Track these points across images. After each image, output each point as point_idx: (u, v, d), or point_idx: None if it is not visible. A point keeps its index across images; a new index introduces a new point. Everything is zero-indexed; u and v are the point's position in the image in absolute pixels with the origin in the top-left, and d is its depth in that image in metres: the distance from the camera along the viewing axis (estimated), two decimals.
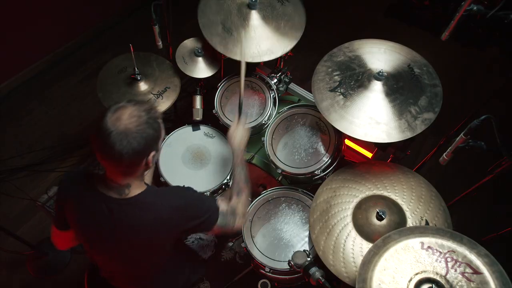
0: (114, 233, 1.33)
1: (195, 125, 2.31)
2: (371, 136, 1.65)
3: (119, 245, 1.36)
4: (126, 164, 1.22)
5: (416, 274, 1.15)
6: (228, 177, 2.15)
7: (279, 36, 2.02)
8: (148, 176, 2.04)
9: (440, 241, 1.20)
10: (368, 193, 1.70)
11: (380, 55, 1.82)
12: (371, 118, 1.67)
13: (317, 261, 1.61)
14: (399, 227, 1.53)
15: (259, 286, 1.95)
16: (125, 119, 1.18)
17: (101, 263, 1.51)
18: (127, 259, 1.42)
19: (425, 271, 1.15)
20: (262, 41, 2.00)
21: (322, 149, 2.03)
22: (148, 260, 1.45)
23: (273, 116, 2.17)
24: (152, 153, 1.27)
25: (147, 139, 1.21)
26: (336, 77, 1.80)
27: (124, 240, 1.34)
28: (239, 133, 1.83)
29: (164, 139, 2.14)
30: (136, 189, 1.32)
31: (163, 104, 2.15)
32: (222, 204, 1.51)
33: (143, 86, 2.15)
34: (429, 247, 1.19)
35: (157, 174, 2.13)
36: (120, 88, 2.14)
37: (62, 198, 1.39)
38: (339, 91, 1.76)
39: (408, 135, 1.64)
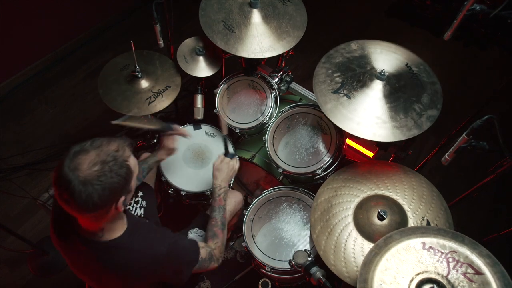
0: (92, 272, 1.31)
1: (196, 124, 2.31)
2: (380, 135, 1.64)
3: (98, 281, 1.36)
4: (88, 215, 1.10)
5: (418, 274, 1.15)
6: None
7: (280, 34, 2.02)
8: (150, 177, 2.04)
9: (441, 241, 1.19)
10: (370, 193, 1.70)
11: (377, 55, 1.82)
12: (378, 118, 1.67)
13: (318, 260, 1.61)
14: (400, 227, 1.53)
15: (259, 285, 1.94)
16: (85, 169, 1.02)
17: None
18: None
19: (426, 272, 1.15)
20: (264, 38, 2.00)
21: (323, 149, 2.02)
22: None
23: (274, 115, 2.16)
24: (121, 199, 1.13)
25: (111, 189, 1.05)
26: (338, 78, 1.79)
27: (101, 278, 1.32)
28: (224, 167, 1.69)
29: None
30: (111, 233, 1.22)
31: (163, 103, 2.14)
32: (202, 251, 1.45)
33: (144, 83, 2.15)
34: (430, 247, 1.19)
35: (158, 174, 2.14)
36: (120, 85, 2.13)
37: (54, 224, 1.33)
38: (342, 92, 1.75)
39: (416, 132, 1.63)
